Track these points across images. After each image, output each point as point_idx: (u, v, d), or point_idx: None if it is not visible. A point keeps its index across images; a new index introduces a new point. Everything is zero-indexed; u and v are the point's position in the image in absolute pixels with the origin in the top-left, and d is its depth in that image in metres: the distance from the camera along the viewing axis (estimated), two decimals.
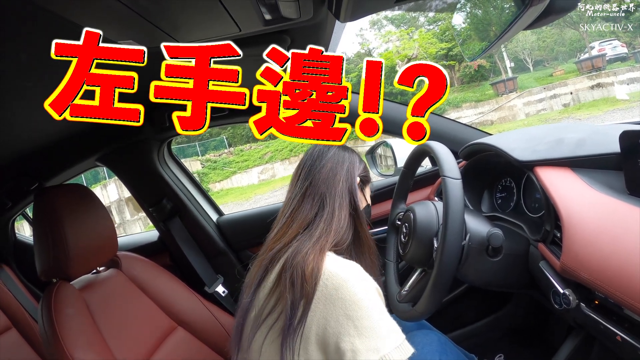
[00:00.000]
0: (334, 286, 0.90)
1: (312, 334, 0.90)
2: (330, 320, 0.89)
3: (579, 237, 0.84)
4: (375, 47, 28.22)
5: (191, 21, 0.85)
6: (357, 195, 1.10)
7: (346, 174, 1.11)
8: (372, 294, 0.91)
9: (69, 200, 1.33)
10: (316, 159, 1.15)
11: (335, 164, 1.12)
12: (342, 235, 1.03)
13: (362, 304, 0.88)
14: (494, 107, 17.23)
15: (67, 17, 0.73)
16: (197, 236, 2.00)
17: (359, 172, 1.15)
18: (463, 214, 0.93)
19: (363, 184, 1.18)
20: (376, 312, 0.88)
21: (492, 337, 1.75)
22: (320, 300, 0.90)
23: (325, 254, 0.96)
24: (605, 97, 15.21)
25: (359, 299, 0.88)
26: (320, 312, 0.90)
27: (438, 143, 1.06)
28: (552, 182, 0.98)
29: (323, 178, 1.11)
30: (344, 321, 0.87)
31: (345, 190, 1.09)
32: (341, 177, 1.10)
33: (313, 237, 1.00)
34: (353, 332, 0.86)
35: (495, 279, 1.09)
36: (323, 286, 0.90)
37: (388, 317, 0.90)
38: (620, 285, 0.72)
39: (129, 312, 1.42)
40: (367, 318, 0.87)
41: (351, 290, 0.89)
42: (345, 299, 0.88)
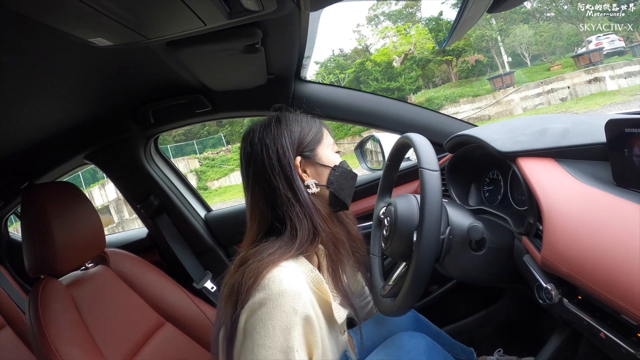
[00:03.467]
0: (260, 300, 0.85)
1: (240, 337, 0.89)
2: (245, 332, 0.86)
3: (560, 229, 0.82)
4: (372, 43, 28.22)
5: (155, 18, 0.84)
6: (298, 185, 0.99)
7: (277, 164, 0.99)
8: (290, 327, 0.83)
9: (56, 198, 1.33)
10: (245, 161, 1.06)
11: (261, 160, 1.01)
12: (301, 241, 0.95)
13: (270, 332, 0.83)
14: (491, 102, 17.23)
15: (36, 19, 0.72)
16: (185, 232, 2.00)
17: (294, 146, 1.02)
18: (441, 207, 0.91)
19: (311, 152, 1.04)
20: (281, 346, 0.82)
21: (483, 333, 1.75)
22: (248, 309, 0.87)
23: (272, 263, 0.89)
24: (602, 91, 15.22)
25: (270, 325, 0.83)
26: (244, 320, 0.87)
27: (418, 135, 1.03)
28: (534, 173, 0.96)
29: (258, 171, 1.01)
30: (249, 339, 0.85)
31: (285, 185, 0.98)
32: (275, 174, 0.99)
33: (272, 247, 0.94)
34: (249, 355, 0.84)
35: (480, 274, 1.07)
36: (254, 295, 0.87)
37: (292, 356, 0.82)
38: (599, 279, 0.70)
39: (117, 308, 1.42)
40: (266, 348, 0.82)
41: (270, 312, 0.84)
42: (260, 318, 0.84)
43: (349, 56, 30.25)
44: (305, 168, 1.04)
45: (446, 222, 1.03)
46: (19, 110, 1.25)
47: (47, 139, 1.60)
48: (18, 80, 1.05)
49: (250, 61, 1.26)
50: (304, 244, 0.95)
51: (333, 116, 1.71)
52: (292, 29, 1.15)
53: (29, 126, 1.43)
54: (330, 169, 1.05)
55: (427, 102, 18.07)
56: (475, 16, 0.94)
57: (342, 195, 1.06)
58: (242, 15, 0.88)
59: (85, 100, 1.46)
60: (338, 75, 25.16)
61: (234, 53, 1.14)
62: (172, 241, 1.95)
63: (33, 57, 0.97)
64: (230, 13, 0.85)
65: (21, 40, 0.86)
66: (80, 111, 1.53)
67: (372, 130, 1.83)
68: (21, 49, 0.90)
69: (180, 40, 1.01)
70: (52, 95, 1.26)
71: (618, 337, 0.71)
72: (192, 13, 0.81)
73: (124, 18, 0.77)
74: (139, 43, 0.93)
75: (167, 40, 1.01)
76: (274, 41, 1.18)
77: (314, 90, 1.71)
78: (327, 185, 1.04)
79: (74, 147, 1.77)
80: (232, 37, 1.04)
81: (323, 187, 1.05)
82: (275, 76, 1.57)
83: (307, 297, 0.88)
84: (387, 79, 23.31)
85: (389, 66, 23.90)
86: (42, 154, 1.70)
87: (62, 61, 1.05)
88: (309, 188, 1.02)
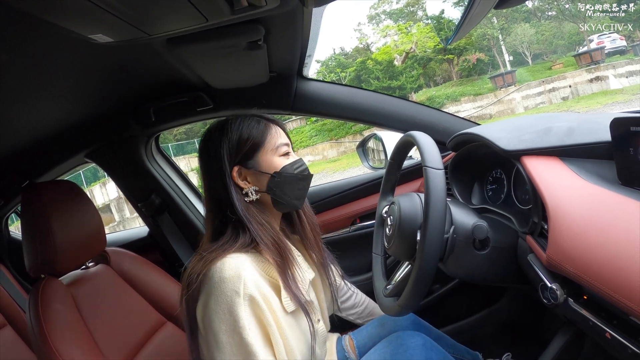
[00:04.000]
0: (206, 292, 0.92)
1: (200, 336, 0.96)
2: (205, 325, 0.92)
3: (565, 228, 0.81)
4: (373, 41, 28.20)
5: (156, 13, 0.83)
6: (235, 198, 1.02)
7: (217, 175, 1.03)
8: (235, 308, 0.89)
9: (56, 197, 1.33)
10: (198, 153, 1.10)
11: (206, 168, 1.07)
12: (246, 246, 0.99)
13: (221, 317, 0.89)
14: (492, 101, 17.22)
15: (37, 16, 0.72)
16: (186, 231, 2.00)
17: (231, 156, 1.04)
18: (445, 206, 0.90)
19: (249, 160, 1.05)
20: (233, 327, 0.89)
21: (485, 332, 1.74)
22: (200, 304, 0.94)
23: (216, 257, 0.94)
24: (604, 90, 15.20)
25: (220, 310, 0.89)
26: (201, 316, 0.94)
27: (421, 133, 1.03)
28: (539, 172, 0.95)
29: (204, 178, 1.07)
30: (209, 330, 0.91)
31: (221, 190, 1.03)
32: (216, 184, 1.04)
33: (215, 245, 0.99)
34: (213, 344, 0.90)
35: (484, 273, 1.07)
36: (201, 290, 0.94)
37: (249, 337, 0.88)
38: (606, 279, 0.69)
39: (118, 307, 1.41)
40: (223, 332, 0.89)
41: (216, 299, 0.90)
42: (211, 307, 0.91)
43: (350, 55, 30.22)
44: (246, 175, 1.06)
45: (450, 221, 1.02)
46: (20, 109, 1.24)
47: (47, 137, 1.59)
48: (18, 79, 1.05)
49: (252, 58, 1.25)
50: (246, 246, 0.99)
51: (335, 114, 1.71)
52: (295, 25, 1.14)
53: (30, 125, 1.43)
54: (269, 176, 1.06)
55: (429, 101, 18.05)
56: (482, 12, 0.92)
57: (286, 200, 1.07)
58: (245, 11, 0.87)
59: (85, 99, 1.45)
60: (339, 74, 25.14)
61: (236, 50, 1.13)
62: (173, 240, 1.94)
63: (33, 56, 0.96)
64: (233, 9, 0.84)
65: (21, 39, 0.85)
66: (81, 110, 1.53)
67: (374, 128, 1.82)
68: (21, 47, 0.89)
69: (181, 36, 1.00)
70: (52, 94, 1.25)
71: (624, 337, 0.70)
72: (194, 8, 0.80)
73: (124, 14, 0.76)
74: (140, 39, 0.92)
75: (168, 37, 1.00)
76: (276, 38, 1.17)
77: (316, 88, 1.70)
78: (267, 191, 1.06)
79: (74, 146, 1.77)
80: (234, 34, 1.03)
81: (263, 193, 1.06)
82: (278, 74, 1.56)
83: (250, 278, 0.92)
84: (388, 77, 23.28)
85: (390, 65, 23.88)
86: (42, 152, 1.69)
87: (62, 60, 1.04)
88: (247, 196, 1.04)
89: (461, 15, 0.92)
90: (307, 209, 1.24)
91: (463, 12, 0.90)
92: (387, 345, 1.16)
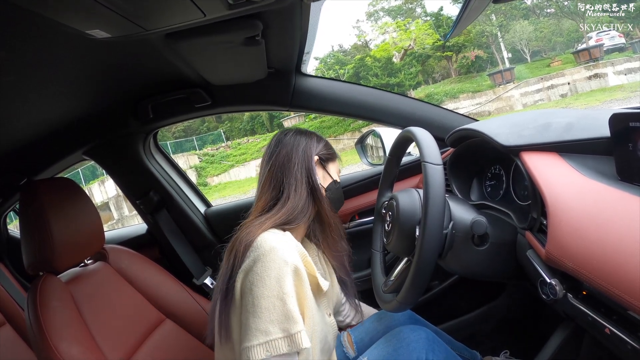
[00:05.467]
0: (254, 258, 0.96)
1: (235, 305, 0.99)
2: (243, 289, 0.96)
3: (565, 224, 0.81)
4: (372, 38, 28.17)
5: (153, 8, 0.82)
6: (314, 173, 1.16)
7: (302, 155, 1.17)
8: (283, 275, 0.94)
9: (55, 194, 1.32)
10: (274, 146, 1.21)
11: (290, 148, 1.19)
12: (295, 213, 1.10)
13: (266, 282, 0.93)
14: (491, 98, 17.22)
15: (35, 11, 0.71)
16: (185, 228, 1.99)
17: (317, 151, 1.21)
18: (444, 201, 0.90)
19: (325, 161, 1.23)
20: (277, 293, 0.92)
21: (484, 328, 1.74)
22: (243, 270, 0.97)
23: (263, 229, 1.02)
24: (602, 87, 15.21)
25: (266, 276, 0.93)
26: (241, 281, 0.97)
27: (420, 128, 1.03)
28: (538, 168, 0.95)
29: (280, 163, 1.17)
30: (249, 295, 0.94)
31: (302, 170, 1.15)
32: (297, 160, 1.16)
33: (264, 217, 1.08)
34: (250, 309, 0.93)
35: (483, 269, 1.07)
36: (248, 257, 0.98)
37: (291, 304, 0.93)
38: (606, 275, 0.69)
39: (117, 304, 1.41)
40: (265, 298, 0.92)
41: (264, 265, 0.94)
42: (256, 272, 0.94)
43: (348, 52, 30.22)
44: (318, 170, 1.20)
45: (449, 217, 1.02)
46: (17, 106, 1.24)
47: (45, 135, 1.59)
48: (15, 76, 1.04)
49: (250, 54, 1.25)
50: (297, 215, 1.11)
51: (333, 110, 1.70)
52: (293, 20, 1.14)
53: (27, 122, 1.42)
54: (332, 180, 1.24)
55: (427, 98, 18.00)
56: (480, 8, 0.92)
57: (335, 205, 1.24)
58: (242, 5, 0.86)
59: (83, 96, 1.44)
60: (338, 71, 25.13)
61: (234, 45, 1.12)
62: (172, 237, 1.94)
63: (31, 53, 0.95)
64: (231, 3, 0.83)
65: (18, 35, 0.85)
66: (79, 107, 1.52)
67: (373, 125, 1.82)
68: (18, 44, 0.89)
69: (179, 31, 0.99)
70: (50, 91, 1.25)
71: (624, 332, 0.70)
72: (192, 3, 0.79)
73: (121, 8, 0.76)
74: (138, 35, 0.91)
75: (166, 32, 0.99)
76: (274, 33, 1.16)
77: (315, 85, 1.69)
78: (327, 189, 1.21)
79: (72, 143, 1.76)
80: (232, 29, 1.03)
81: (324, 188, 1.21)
82: (276, 70, 1.56)
83: (296, 252, 1.01)
84: (386, 74, 23.29)
85: (389, 62, 23.88)
86: (40, 150, 1.69)
87: (60, 56, 1.04)
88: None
89: (459, 11, 0.92)
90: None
91: (461, 8, 0.90)
92: (389, 340, 1.16)
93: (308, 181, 1.15)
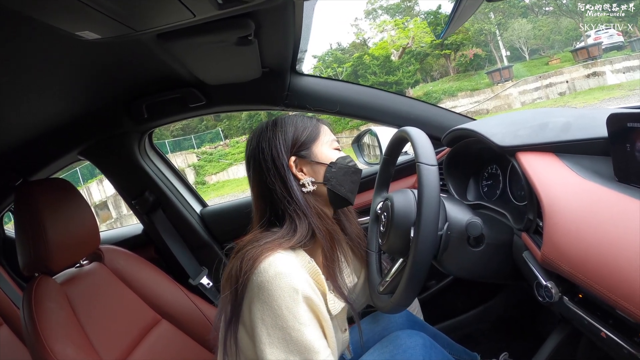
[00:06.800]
0: (257, 285, 0.88)
1: (245, 327, 0.93)
2: (253, 319, 0.89)
3: (561, 226, 0.80)
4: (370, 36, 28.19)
5: (142, 9, 0.81)
6: (292, 187, 1.02)
7: (272, 165, 1.03)
8: (294, 305, 0.87)
9: (50, 195, 1.32)
10: (246, 159, 1.11)
11: (258, 162, 1.06)
12: (297, 237, 0.98)
13: (277, 313, 0.86)
14: (489, 96, 17.25)
15: (23, 13, 0.71)
16: (181, 228, 1.98)
17: (287, 148, 1.05)
18: (438, 203, 0.89)
19: (305, 150, 1.07)
20: (293, 325, 0.86)
21: (481, 328, 1.74)
22: (248, 296, 0.91)
23: (269, 251, 0.92)
24: (601, 85, 15.23)
25: (276, 306, 0.86)
26: (247, 308, 0.91)
27: (415, 128, 1.01)
28: (534, 168, 0.94)
29: (257, 181, 1.07)
30: (261, 325, 0.88)
31: (281, 185, 1.02)
32: (270, 174, 1.03)
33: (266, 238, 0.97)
34: (265, 340, 0.87)
35: (479, 270, 1.06)
36: (251, 282, 0.90)
37: (309, 332, 0.87)
38: (602, 279, 0.68)
39: (112, 305, 1.40)
40: (280, 329, 0.86)
41: (272, 294, 0.87)
42: (264, 301, 0.87)
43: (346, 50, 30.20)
44: (302, 167, 1.07)
45: (444, 217, 1.01)
46: (11, 107, 1.23)
47: (40, 135, 1.58)
48: (8, 76, 1.03)
49: (243, 54, 1.24)
50: (303, 239, 0.98)
51: (330, 110, 1.69)
52: (286, 19, 1.13)
53: (22, 123, 1.42)
54: (326, 166, 1.07)
55: (425, 96, 18.04)
56: (474, 6, 0.91)
57: (342, 192, 1.08)
58: (232, 5, 0.85)
59: (77, 96, 1.43)
60: (336, 69, 25.12)
61: (227, 45, 1.11)
62: (168, 237, 1.93)
63: (22, 53, 0.95)
64: (221, 3, 0.82)
65: (9, 36, 0.84)
66: (73, 107, 1.51)
67: (370, 124, 1.81)
68: (10, 45, 0.88)
69: (170, 32, 0.98)
70: (43, 92, 1.24)
71: (620, 337, 0.69)
72: (180, 3, 0.78)
73: (109, 9, 0.75)
74: (128, 36, 0.90)
75: (157, 33, 0.98)
76: (267, 33, 1.15)
77: (310, 84, 1.68)
78: (324, 182, 1.07)
79: (67, 144, 1.75)
80: (224, 29, 1.01)
81: (320, 184, 1.07)
82: (270, 69, 1.54)
83: (304, 278, 0.91)
84: (385, 72, 23.28)
85: (387, 60, 23.87)
86: (35, 150, 1.68)
87: (51, 57, 1.03)
88: (304, 187, 1.04)
89: (452, 9, 0.91)
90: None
91: (453, 6, 0.89)
92: (385, 345, 1.14)
93: (290, 196, 1.01)
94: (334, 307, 1.02)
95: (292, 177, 1.03)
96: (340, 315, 1.11)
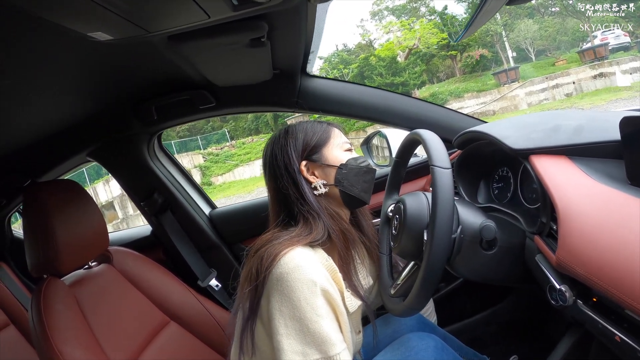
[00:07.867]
0: (277, 277, 0.91)
1: (262, 320, 0.95)
2: (271, 310, 0.91)
3: (576, 229, 0.79)
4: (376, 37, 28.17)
5: (156, 10, 0.81)
6: (305, 190, 1.05)
7: (285, 171, 1.07)
8: (312, 296, 0.89)
9: (58, 196, 1.32)
10: (264, 158, 1.15)
11: (273, 168, 1.10)
12: (314, 235, 1.00)
13: (296, 304, 0.88)
14: (496, 97, 17.17)
15: (35, 13, 0.71)
16: (190, 230, 1.98)
17: (298, 153, 1.09)
18: (452, 205, 0.89)
19: (316, 155, 1.10)
20: (310, 316, 0.88)
21: (490, 331, 1.73)
22: (267, 290, 0.93)
23: (288, 246, 0.95)
24: (607, 86, 15.14)
25: (295, 297, 0.88)
26: (266, 301, 0.93)
27: (428, 131, 1.01)
28: (548, 172, 0.93)
29: (272, 178, 1.11)
30: (279, 316, 0.89)
31: (295, 190, 1.06)
32: (284, 180, 1.07)
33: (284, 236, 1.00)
34: (282, 331, 0.88)
35: (491, 273, 1.05)
36: (271, 275, 0.92)
37: (326, 324, 0.89)
38: (618, 282, 0.67)
39: (121, 307, 1.41)
40: (297, 320, 0.88)
41: (290, 285, 0.89)
42: (283, 292, 0.90)
43: (352, 51, 30.21)
44: (314, 170, 1.10)
45: (457, 221, 1.00)
46: (21, 108, 1.23)
47: (49, 136, 1.59)
48: (19, 77, 1.04)
49: (255, 55, 1.24)
50: (320, 237, 1.01)
51: (339, 111, 1.69)
52: (299, 22, 1.12)
53: (31, 124, 1.42)
54: (337, 168, 1.09)
55: (432, 97, 17.98)
56: (494, 9, 0.91)
57: (354, 192, 1.10)
58: (247, 7, 0.85)
59: (86, 97, 1.44)
60: (342, 71, 25.11)
61: (239, 47, 1.11)
62: (176, 239, 1.93)
63: (33, 55, 0.95)
64: (236, 5, 0.82)
65: (21, 37, 0.84)
66: (82, 108, 1.52)
67: (379, 125, 1.81)
68: (21, 46, 0.88)
69: (182, 34, 0.98)
70: (53, 93, 1.25)
71: (634, 340, 0.68)
72: (196, 5, 0.78)
73: (124, 11, 0.75)
74: (140, 37, 0.90)
75: (169, 34, 0.98)
76: (280, 35, 1.15)
77: (320, 85, 1.68)
78: (335, 184, 1.09)
79: (76, 145, 1.76)
80: (237, 31, 1.01)
81: (332, 186, 1.09)
82: (281, 71, 1.54)
83: (323, 273, 0.94)
84: (391, 74, 23.24)
85: (393, 61, 23.83)
86: (44, 151, 1.69)
87: (62, 58, 1.03)
88: (316, 189, 1.08)
89: (474, 12, 0.91)
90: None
91: (475, 9, 0.88)
92: (396, 347, 1.14)
93: (303, 199, 1.05)
94: (351, 305, 1.04)
95: (303, 181, 1.07)
96: (355, 314, 1.12)
